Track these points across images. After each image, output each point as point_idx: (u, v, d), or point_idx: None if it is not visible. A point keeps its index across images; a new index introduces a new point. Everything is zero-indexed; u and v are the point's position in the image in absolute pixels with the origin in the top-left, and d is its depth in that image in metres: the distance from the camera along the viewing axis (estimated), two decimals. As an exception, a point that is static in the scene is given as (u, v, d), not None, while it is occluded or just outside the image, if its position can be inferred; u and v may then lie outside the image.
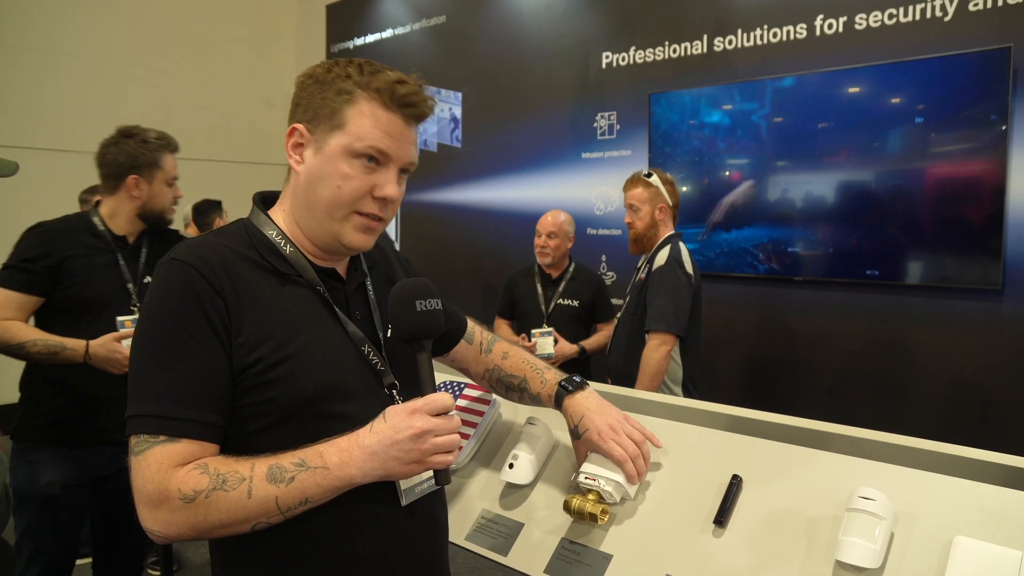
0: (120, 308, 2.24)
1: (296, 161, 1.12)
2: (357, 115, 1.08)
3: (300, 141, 1.11)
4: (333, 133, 1.08)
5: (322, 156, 1.09)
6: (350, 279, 1.21)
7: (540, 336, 3.57)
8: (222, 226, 1.21)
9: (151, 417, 1.00)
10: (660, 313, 2.77)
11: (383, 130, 1.09)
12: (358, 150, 1.08)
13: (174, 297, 1.03)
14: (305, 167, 1.11)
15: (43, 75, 5.51)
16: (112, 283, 2.24)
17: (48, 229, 2.23)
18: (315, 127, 1.10)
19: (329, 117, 1.09)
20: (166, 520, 0.98)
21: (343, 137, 1.08)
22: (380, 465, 1.02)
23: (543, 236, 3.61)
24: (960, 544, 1.06)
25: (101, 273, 2.22)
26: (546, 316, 3.61)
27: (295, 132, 1.11)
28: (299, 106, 1.12)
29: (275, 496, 0.99)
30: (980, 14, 3.27)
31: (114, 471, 2.25)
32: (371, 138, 1.08)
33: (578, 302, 3.61)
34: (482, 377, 1.48)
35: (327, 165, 1.09)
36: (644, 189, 3.00)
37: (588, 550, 1.33)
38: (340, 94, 1.08)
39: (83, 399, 2.20)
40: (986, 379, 3.29)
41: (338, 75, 1.09)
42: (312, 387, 1.07)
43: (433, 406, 1.04)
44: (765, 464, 1.32)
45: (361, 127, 1.08)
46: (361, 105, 1.08)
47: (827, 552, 1.15)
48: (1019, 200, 3.16)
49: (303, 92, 1.12)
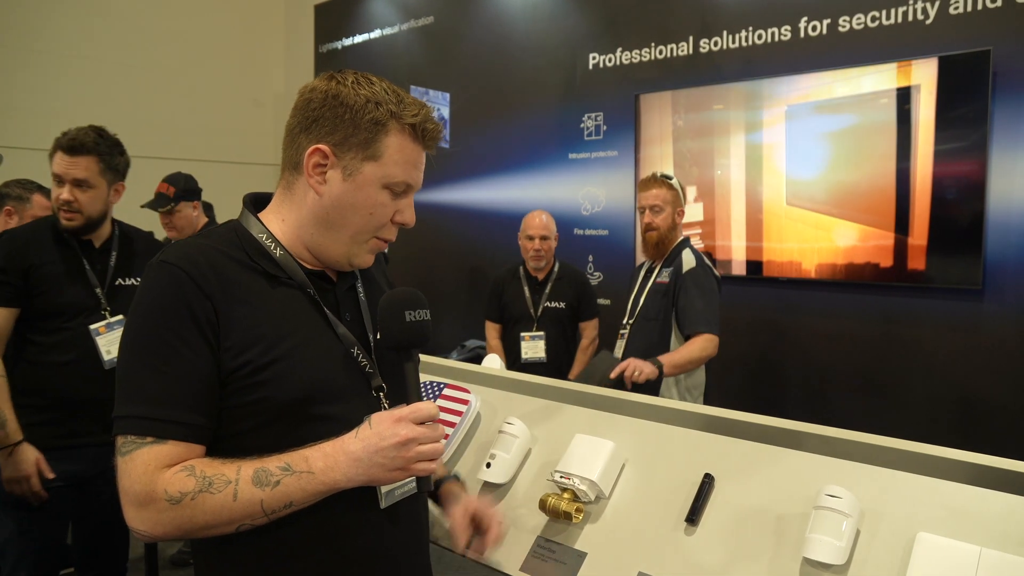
0: (91, 314, 2.23)
1: (318, 183, 1.11)
2: (391, 148, 1.10)
3: (323, 162, 1.11)
4: (368, 163, 1.10)
5: (353, 183, 1.10)
6: (341, 281, 1.22)
7: (530, 339, 3.58)
8: (212, 228, 1.22)
9: (138, 418, 1.01)
10: (703, 316, 2.71)
11: (411, 163, 1.13)
12: (392, 183, 1.12)
13: (162, 299, 1.04)
14: (330, 190, 1.11)
15: (30, 74, 5.49)
16: (80, 289, 2.23)
17: (15, 237, 2.22)
18: (343, 152, 1.10)
19: (363, 146, 1.10)
20: (152, 520, 1.00)
21: (379, 169, 1.10)
22: (364, 471, 1.04)
23: (536, 240, 3.59)
24: (922, 540, 1.09)
25: (68, 280, 2.21)
26: (536, 320, 3.61)
27: (318, 152, 1.10)
28: (317, 123, 1.10)
29: (260, 499, 1.00)
30: (960, 17, 3.30)
31: (98, 473, 2.24)
32: (403, 173, 1.12)
33: (564, 303, 3.62)
34: None
35: (359, 194, 1.11)
36: (667, 190, 2.93)
37: (563, 548, 1.35)
38: (375, 124, 1.09)
39: (60, 402, 2.19)
40: (966, 378, 3.32)
41: (369, 100, 1.09)
42: (301, 389, 1.08)
43: (418, 415, 1.06)
44: (737, 463, 1.34)
45: (395, 160, 1.11)
46: (394, 137, 1.10)
47: (795, 549, 1.17)
48: (999, 200, 3.19)
49: (328, 111, 1.10)
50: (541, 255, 3.59)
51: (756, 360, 3.97)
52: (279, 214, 1.17)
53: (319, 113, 1.10)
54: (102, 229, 2.31)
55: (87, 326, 2.21)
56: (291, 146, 1.14)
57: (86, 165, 2.20)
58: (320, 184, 1.11)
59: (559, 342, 3.61)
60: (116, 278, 2.31)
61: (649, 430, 1.47)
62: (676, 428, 1.46)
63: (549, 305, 3.61)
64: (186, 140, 6.11)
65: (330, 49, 6.42)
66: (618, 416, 1.52)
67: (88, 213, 2.23)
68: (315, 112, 1.11)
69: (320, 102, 1.10)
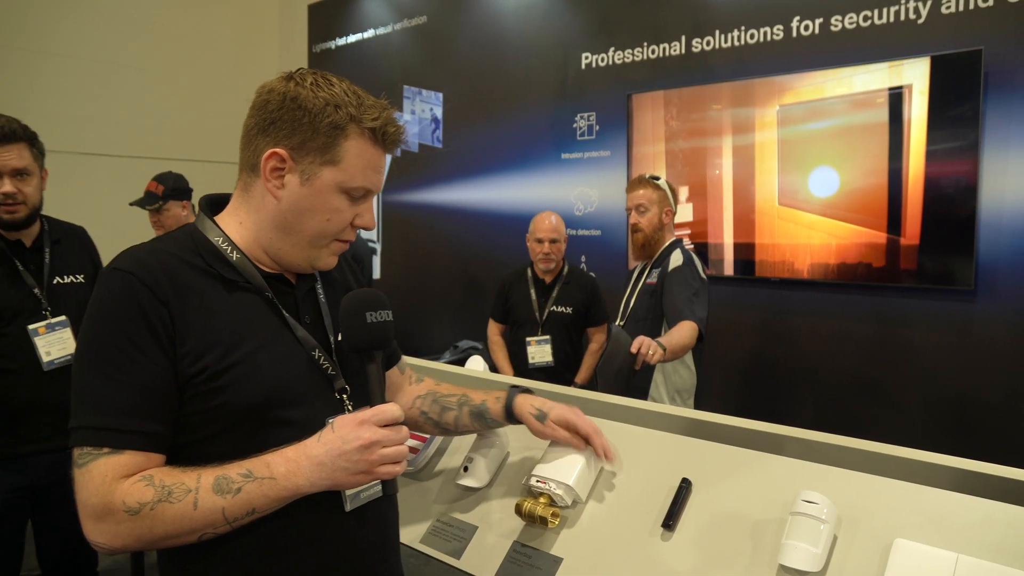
0: (31, 316, 2.15)
1: (276, 187, 1.09)
2: (349, 153, 1.08)
3: (280, 166, 1.08)
4: (326, 168, 1.08)
5: (311, 188, 1.08)
6: (300, 283, 1.20)
7: (536, 344, 3.53)
8: (167, 232, 1.20)
9: (93, 429, 0.99)
10: (687, 306, 2.66)
11: (371, 167, 1.11)
12: (350, 188, 1.10)
13: (116, 307, 1.02)
14: (288, 195, 1.09)
15: (24, 75, 5.46)
16: (17, 291, 2.15)
17: None
18: (301, 156, 1.07)
19: (321, 151, 1.07)
20: (111, 532, 0.98)
21: (337, 174, 1.08)
22: (327, 475, 1.02)
23: (545, 243, 3.50)
24: (899, 547, 1.07)
25: (3, 282, 2.13)
26: (541, 324, 3.56)
27: (276, 156, 1.08)
28: (275, 125, 1.07)
29: (222, 507, 0.98)
30: (952, 17, 3.28)
31: (55, 480, 2.17)
32: (362, 177, 1.10)
33: (572, 308, 3.55)
34: (412, 405, 1.45)
35: (317, 198, 1.09)
36: (653, 190, 2.92)
37: (539, 553, 1.33)
38: (334, 128, 1.07)
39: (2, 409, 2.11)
40: (958, 378, 3.30)
41: (328, 103, 1.07)
42: (260, 393, 1.06)
43: (382, 417, 1.04)
44: (715, 467, 1.32)
45: (354, 166, 1.09)
46: (353, 141, 1.08)
47: (772, 555, 1.15)
48: (991, 201, 3.18)
49: (286, 114, 1.07)
50: (551, 258, 3.52)
51: (748, 361, 3.95)
52: (236, 217, 1.15)
53: (277, 115, 1.08)
54: (32, 227, 2.22)
55: (26, 328, 2.13)
56: (248, 147, 1.12)
57: (20, 153, 2.12)
58: (278, 189, 1.09)
59: (564, 347, 3.55)
60: (54, 276, 2.24)
61: (627, 434, 1.45)
62: (655, 432, 1.44)
63: (555, 310, 3.55)
64: (179, 140, 6.08)
65: (324, 49, 6.41)
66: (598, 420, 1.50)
67: (31, 203, 2.16)
68: (272, 114, 1.08)
69: (278, 104, 1.08)
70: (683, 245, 2.92)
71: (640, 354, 2.27)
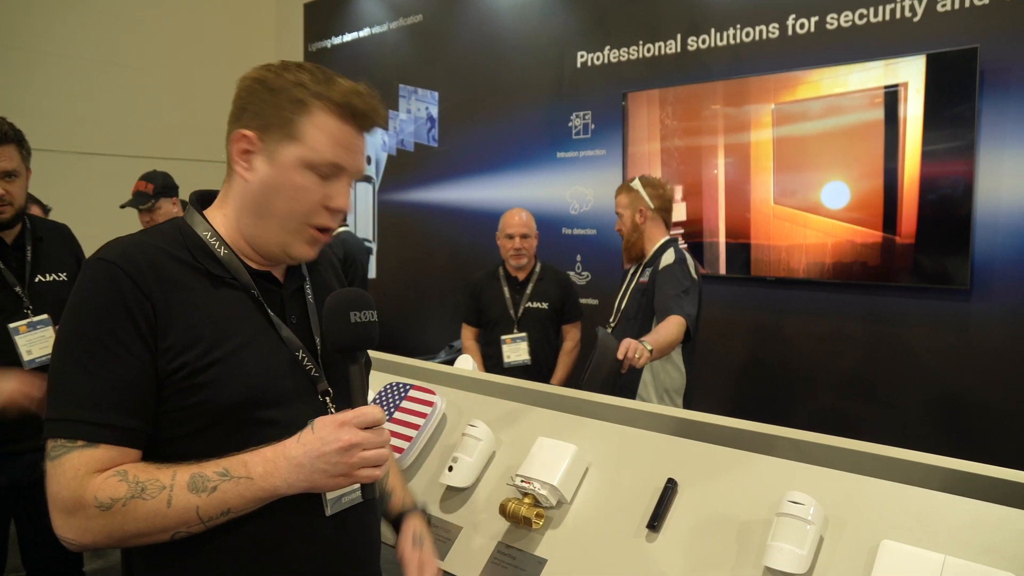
0: (12, 315, 2.13)
1: (244, 168, 1.08)
2: (312, 127, 1.05)
3: (248, 148, 1.07)
4: (287, 144, 1.06)
5: (275, 167, 1.06)
6: (287, 283, 1.18)
7: (512, 342, 3.48)
8: (155, 225, 1.18)
9: (68, 421, 0.97)
10: (675, 300, 2.62)
11: (338, 142, 1.07)
12: (314, 163, 1.06)
13: (98, 298, 1.00)
14: (256, 176, 1.07)
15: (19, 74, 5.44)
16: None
17: None
18: (266, 135, 1.06)
19: (282, 127, 1.06)
20: (81, 528, 0.95)
21: (299, 149, 1.05)
22: (306, 477, 1.00)
23: (516, 239, 3.48)
24: (886, 548, 1.05)
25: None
26: (516, 321, 3.52)
27: (243, 138, 1.07)
28: (245, 110, 1.08)
29: (196, 506, 0.96)
30: (948, 15, 3.27)
31: (37, 479, 2.12)
32: (328, 152, 1.06)
33: (547, 304, 3.52)
34: None
35: (280, 177, 1.06)
36: (625, 194, 2.93)
37: (524, 554, 1.31)
38: (294, 103, 1.05)
39: None
40: (953, 377, 3.29)
41: (290, 82, 1.06)
42: (241, 392, 1.04)
43: (363, 419, 1.02)
44: (701, 468, 1.30)
45: (317, 140, 1.05)
46: (316, 116, 1.05)
47: (757, 557, 1.14)
48: (987, 200, 3.16)
49: (250, 97, 1.07)
50: (522, 254, 3.49)
51: (744, 360, 3.94)
52: (221, 209, 1.14)
53: (247, 100, 1.08)
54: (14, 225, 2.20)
55: (7, 326, 2.12)
56: (227, 138, 1.11)
57: (10, 155, 2.11)
58: (246, 171, 1.08)
59: (542, 344, 3.51)
60: (36, 275, 2.22)
61: (614, 433, 1.43)
62: (641, 431, 1.42)
63: (531, 306, 3.51)
64: (176, 139, 6.06)
65: (320, 47, 6.39)
66: (585, 419, 1.48)
67: (18, 204, 2.15)
68: (243, 100, 1.08)
69: (247, 90, 1.08)
70: (677, 244, 2.90)
71: (627, 359, 2.25)
